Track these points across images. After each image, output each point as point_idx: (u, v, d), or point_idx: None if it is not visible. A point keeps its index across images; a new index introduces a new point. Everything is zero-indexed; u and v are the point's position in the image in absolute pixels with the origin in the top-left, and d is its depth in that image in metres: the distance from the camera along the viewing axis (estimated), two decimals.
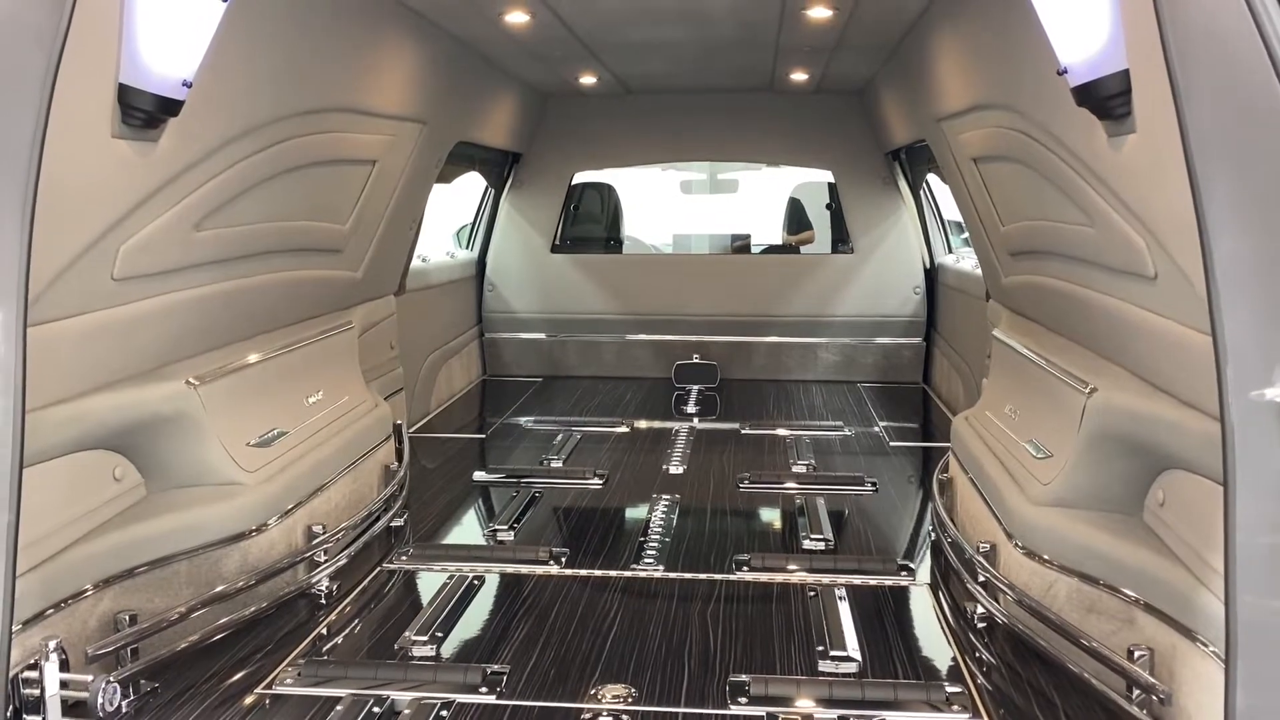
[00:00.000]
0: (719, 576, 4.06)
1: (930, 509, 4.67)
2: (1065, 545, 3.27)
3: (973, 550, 3.76)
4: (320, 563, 3.93)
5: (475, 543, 4.66)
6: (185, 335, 3.72)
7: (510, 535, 4.57)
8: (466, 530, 4.95)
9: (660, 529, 4.63)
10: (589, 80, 7.40)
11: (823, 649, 3.38)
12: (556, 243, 8.61)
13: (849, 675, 3.23)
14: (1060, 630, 3.14)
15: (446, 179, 7.34)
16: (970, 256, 6.90)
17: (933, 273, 8.20)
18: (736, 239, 9.66)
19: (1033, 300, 4.58)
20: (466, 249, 8.62)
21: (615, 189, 9.16)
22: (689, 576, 4.07)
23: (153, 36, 2.89)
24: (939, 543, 4.30)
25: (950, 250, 8.25)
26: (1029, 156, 3.91)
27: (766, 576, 4.05)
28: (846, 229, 8.38)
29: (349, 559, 4.12)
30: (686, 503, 5.06)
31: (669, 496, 5.12)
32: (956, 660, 3.36)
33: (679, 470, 5.66)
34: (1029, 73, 3.64)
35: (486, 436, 6.71)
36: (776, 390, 8.04)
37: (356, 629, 3.63)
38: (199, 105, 3.23)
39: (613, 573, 4.12)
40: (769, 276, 8.51)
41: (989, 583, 3.58)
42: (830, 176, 8.57)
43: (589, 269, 8.58)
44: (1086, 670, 3.00)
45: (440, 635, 3.50)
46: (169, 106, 3.05)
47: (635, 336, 8.49)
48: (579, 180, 8.84)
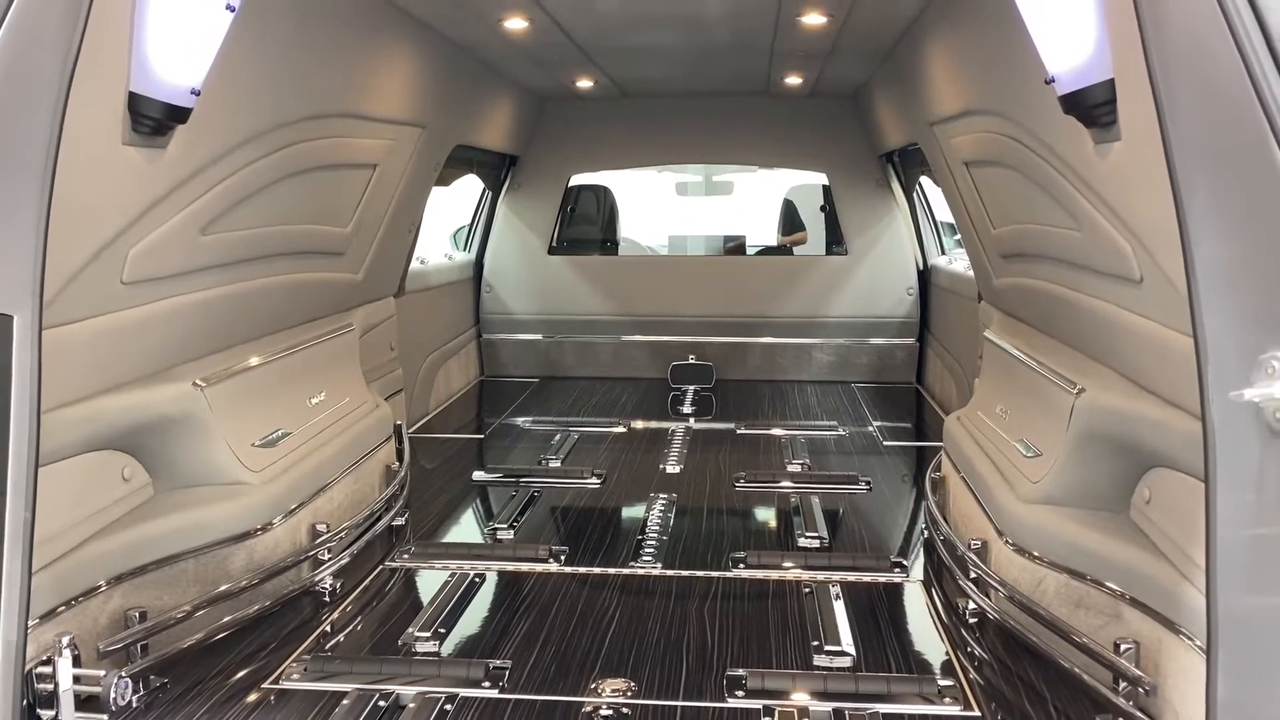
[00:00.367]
0: (716, 574, 4.13)
1: (923, 507, 4.74)
2: (1054, 542, 3.35)
3: (964, 547, 3.83)
4: (324, 561, 3.99)
5: (475, 541, 4.73)
6: (191, 338, 3.78)
7: (510, 534, 4.64)
8: (467, 529, 5.01)
9: (658, 527, 4.69)
10: (586, 84, 7.46)
11: (818, 644, 3.45)
12: (553, 244, 8.67)
13: (844, 669, 3.31)
14: (1049, 625, 3.21)
15: (445, 181, 7.40)
16: (962, 258, 6.98)
17: (926, 274, 8.27)
18: (729, 240, 9.71)
19: (1023, 302, 4.65)
20: (464, 251, 8.67)
21: (611, 191, 9.22)
22: (686, 574, 4.14)
23: (163, 45, 2.96)
24: (932, 540, 4.37)
25: (943, 252, 8.31)
26: (1018, 161, 3.98)
27: (762, 574, 4.12)
28: (841, 231, 8.44)
29: (351, 557, 4.18)
30: (683, 502, 5.13)
31: (666, 495, 5.19)
32: (948, 654, 3.43)
33: (676, 470, 5.72)
34: (1018, 80, 3.71)
35: (485, 437, 6.77)
36: (772, 390, 8.10)
37: (360, 626, 3.69)
38: (205, 112, 3.29)
39: (611, 570, 4.18)
40: (764, 278, 8.57)
41: (980, 579, 3.66)
42: (824, 179, 8.64)
43: (586, 270, 8.64)
44: (1075, 663, 3.07)
45: (443, 631, 3.57)
46: (178, 114, 3.11)
47: (631, 337, 8.55)
48: (575, 182, 8.90)
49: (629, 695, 3.10)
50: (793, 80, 7.34)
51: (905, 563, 4.22)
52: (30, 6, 2.25)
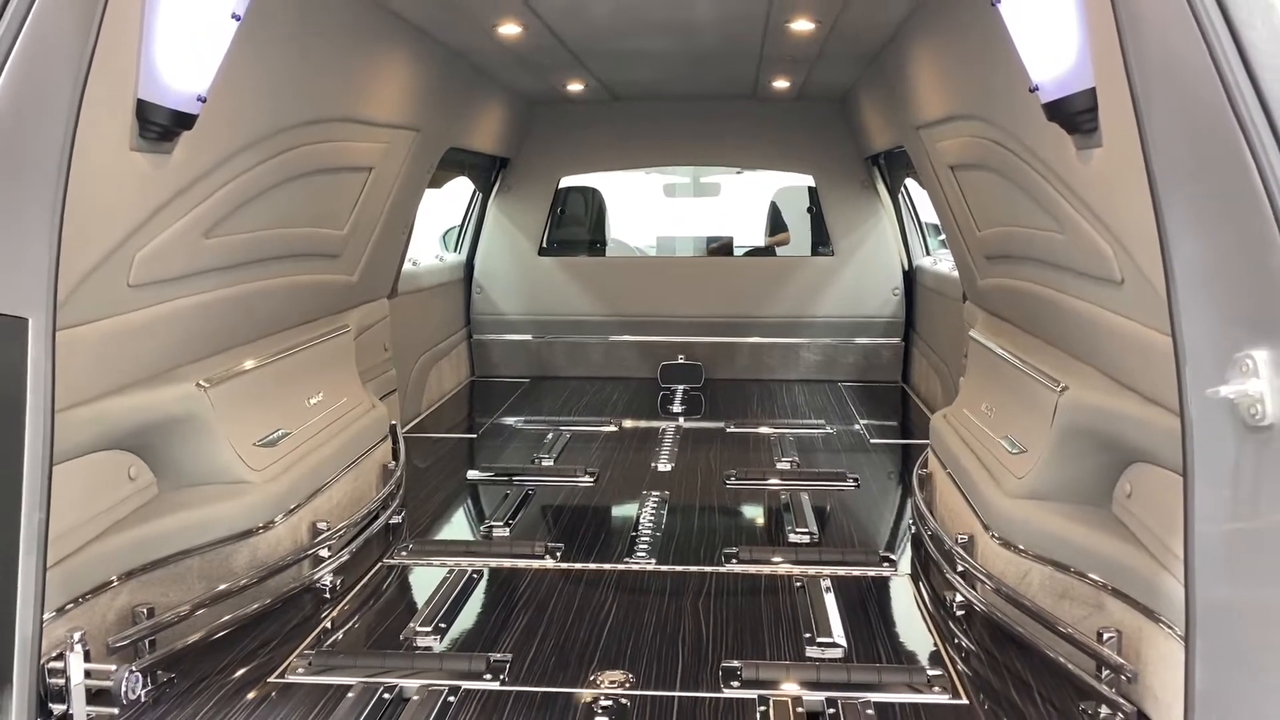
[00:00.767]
0: (709, 569, 4.21)
1: (910, 503, 4.84)
2: (1039, 535, 3.45)
3: (952, 541, 3.92)
4: (324, 559, 4.06)
5: (472, 539, 4.80)
6: (194, 339, 3.85)
7: (506, 531, 4.71)
8: (462, 527, 5.09)
9: (651, 524, 4.77)
10: (576, 87, 7.54)
11: (810, 636, 3.54)
12: (543, 245, 8.73)
13: (835, 660, 3.39)
14: (1034, 616, 3.31)
15: (436, 184, 7.45)
16: (947, 259, 7.08)
17: (911, 275, 8.37)
18: (712, 240, 9.79)
19: (1007, 302, 4.75)
20: (454, 252, 8.73)
21: (600, 193, 9.29)
22: (680, 569, 4.22)
23: (171, 54, 3.02)
24: (919, 535, 4.46)
25: (928, 253, 8.42)
26: (1003, 166, 4.08)
27: (754, 569, 4.20)
28: (827, 232, 8.54)
29: (350, 555, 4.24)
30: (675, 499, 5.21)
31: (658, 493, 5.27)
32: (937, 645, 3.52)
33: (667, 468, 5.80)
34: (1002, 86, 3.81)
35: (478, 436, 6.84)
36: (760, 390, 8.19)
37: (361, 622, 3.76)
38: (209, 118, 3.35)
39: (606, 566, 4.26)
40: (752, 278, 8.67)
41: (967, 572, 3.75)
42: (811, 181, 8.73)
43: (575, 271, 8.71)
44: (1059, 653, 3.17)
45: (443, 626, 3.64)
46: (184, 120, 3.18)
47: (621, 337, 8.63)
48: (565, 184, 8.96)
49: (628, 686, 3.18)
50: (780, 84, 7.43)
51: (893, 557, 4.31)
52: (45, 17, 2.31)
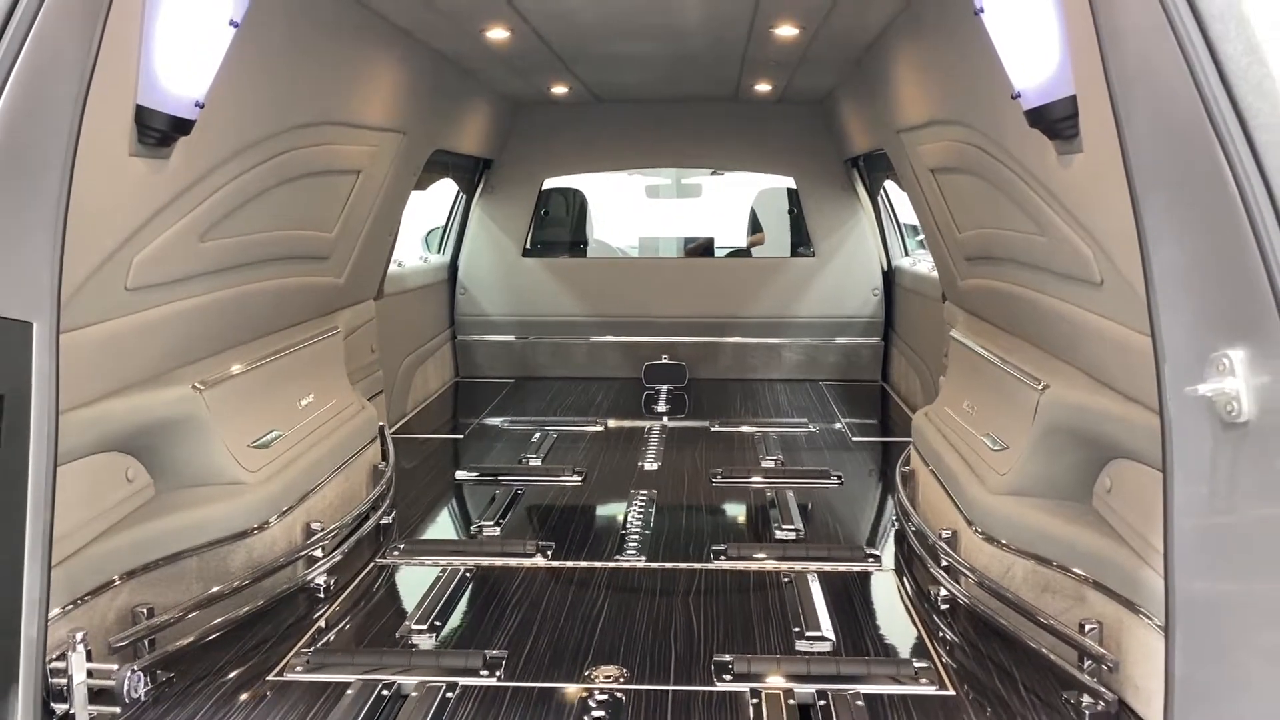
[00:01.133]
0: (698, 566, 4.28)
1: (892, 499, 4.93)
2: (1021, 530, 3.53)
3: (935, 537, 4.01)
4: (318, 559, 4.09)
5: (463, 539, 4.84)
6: (190, 342, 3.88)
7: (496, 531, 4.76)
8: (453, 527, 5.13)
9: (639, 522, 4.84)
10: (561, 90, 7.59)
11: (799, 630, 3.62)
12: (527, 247, 8.78)
13: (824, 654, 3.47)
14: (1017, 608, 3.40)
15: (421, 185, 7.48)
16: (926, 260, 7.18)
17: (890, 275, 8.47)
18: (689, 241, 9.86)
19: (988, 303, 4.84)
20: (437, 253, 8.76)
21: (583, 194, 9.34)
22: (670, 566, 4.29)
23: (169, 60, 3.06)
24: (903, 530, 4.55)
25: (907, 254, 8.53)
26: (984, 170, 4.17)
27: (743, 565, 4.28)
28: (807, 233, 8.63)
29: (343, 556, 4.28)
30: (663, 498, 5.27)
31: (646, 492, 5.33)
32: (923, 638, 3.60)
33: (654, 467, 5.87)
34: (984, 92, 3.89)
35: (464, 437, 6.88)
36: (743, 389, 8.27)
37: (356, 622, 3.80)
38: (205, 122, 3.38)
39: (597, 564, 4.32)
40: (734, 279, 8.74)
41: (951, 566, 3.84)
42: (791, 182, 8.82)
43: (559, 272, 8.76)
44: (1042, 644, 3.26)
45: (438, 625, 3.69)
46: (182, 125, 3.21)
47: (605, 338, 8.69)
48: (548, 186, 9.00)
49: (622, 681, 3.24)
50: (762, 87, 7.51)
51: (878, 552, 4.39)
52: (48, 27, 2.34)
